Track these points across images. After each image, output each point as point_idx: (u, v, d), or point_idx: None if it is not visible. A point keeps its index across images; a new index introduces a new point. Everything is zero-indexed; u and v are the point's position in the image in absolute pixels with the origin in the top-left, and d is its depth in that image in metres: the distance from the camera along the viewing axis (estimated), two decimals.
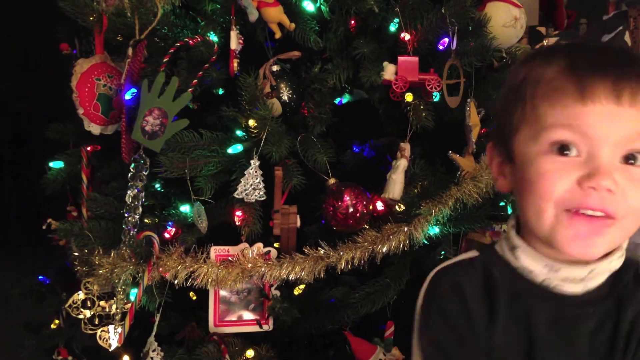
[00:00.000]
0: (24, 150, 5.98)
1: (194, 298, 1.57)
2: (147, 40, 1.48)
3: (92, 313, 1.41)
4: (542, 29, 2.76)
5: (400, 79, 1.42)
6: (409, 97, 1.42)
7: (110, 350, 1.42)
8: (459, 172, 1.47)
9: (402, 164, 1.41)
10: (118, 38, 1.55)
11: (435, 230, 1.43)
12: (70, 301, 1.41)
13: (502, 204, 1.55)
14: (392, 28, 1.49)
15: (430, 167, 1.49)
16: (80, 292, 1.41)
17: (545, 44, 2.67)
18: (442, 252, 1.48)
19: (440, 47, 1.50)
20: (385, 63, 1.44)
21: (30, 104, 6.19)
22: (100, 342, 1.41)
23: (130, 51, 1.46)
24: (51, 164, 1.69)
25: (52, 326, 1.69)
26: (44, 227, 1.58)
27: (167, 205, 1.50)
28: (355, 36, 1.51)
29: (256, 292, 1.46)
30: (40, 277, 1.80)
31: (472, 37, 1.53)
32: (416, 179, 1.45)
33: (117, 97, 1.54)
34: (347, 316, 1.42)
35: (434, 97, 1.44)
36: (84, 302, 1.41)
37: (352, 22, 1.52)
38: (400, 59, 1.42)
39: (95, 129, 1.55)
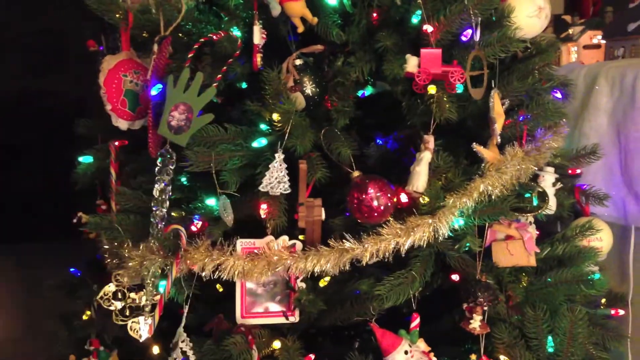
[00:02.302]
0: (52, 145, 6.08)
1: (220, 290, 1.59)
2: (172, 36, 1.50)
3: (122, 305, 1.43)
4: (568, 18, 2.73)
5: (423, 72, 1.41)
6: (432, 89, 1.41)
7: (140, 340, 1.45)
8: (483, 164, 1.46)
9: (426, 156, 1.41)
10: (144, 34, 1.58)
11: (459, 222, 1.43)
12: (101, 293, 1.44)
13: (527, 195, 1.54)
14: (415, 20, 1.49)
15: (454, 159, 1.48)
16: (111, 284, 1.44)
17: (570, 32, 2.64)
18: (467, 244, 1.48)
19: (464, 39, 1.49)
20: (408, 55, 1.44)
21: (58, 100, 6.29)
22: (131, 332, 1.44)
23: (155, 47, 1.48)
24: (80, 159, 1.73)
25: (84, 317, 1.73)
26: (74, 221, 1.61)
27: (194, 198, 1.52)
28: (377, 29, 1.51)
29: (282, 284, 1.48)
30: (72, 270, 1.84)
31: (495, 27, 1.52)
32: (440, 171, 1.45)
33: (143, 93, 1.57)
34: (373, 308, 1.43)
35: (457, 88, 1.44)
36: (114, 294, 1.44)
37: (374, 14, 1.52)
38: (423, 51, 1.42)
39: (122, 124, 1.59)
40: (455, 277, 1.51)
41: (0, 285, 4.18)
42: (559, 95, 1.73)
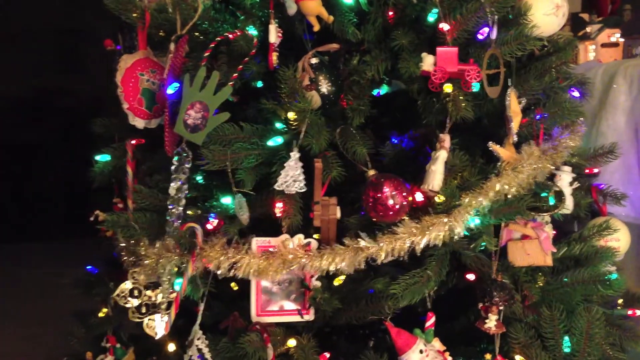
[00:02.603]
0: (68, 144, 6.13)
1: (235, 288, 1.60)
2: (188, 35, 1.51)
3: (139, 302, 1.45)
4: (585, 16, 2.71)
5: (439, 70, 1.41)
6: (448, 87, 1.41)
7: (156, 338, 1.46)
8: (499, 163, 1.46)
9: (441, 155, 1.41)
10: (160, 33, 1.59)
11: (475, 221, 1.42)
12: (118, 290, 1.46)
13: (544, 194, 1.53)
14: (431, 18, 1.48)
15: (470, 158, 1.48)
16: (127, 281, 1.46)
17: (588, 31, 2.62)
18: (483, 244, 1.47)
19: (480, 37, 1.48)
20: (424, 54, 1.43)
21: (73, 99, 6.33)
22: (147, 330, 1.45)
23: (172, 46, 1.49)
24: (98, 158, 1.73)
25: (101, 315, 1.74)
26: (91, 219, 1.63)
27: (209, 197, 1.53)
28: (393, 27, 1.51)
29: (297, 283, 1.48)
30: (88, 267, 1.85)
31: (512, 25, 1.51)
32: (456, 170, 1.45)
33: (160, 92, 1.58)
34: (388, 307, 1.43)
35: (473, 87, 1.43)
36: (131, 291, 1.45)
37: (390, 13, 1.52)
38: (439, 49, 1.41)
39: (139, 123, 1.59)
40: (470, 276, 1.51)
41: (11, 284, 4.24)
42: (576, 93, 1.71)
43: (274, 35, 1.47)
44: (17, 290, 4.11)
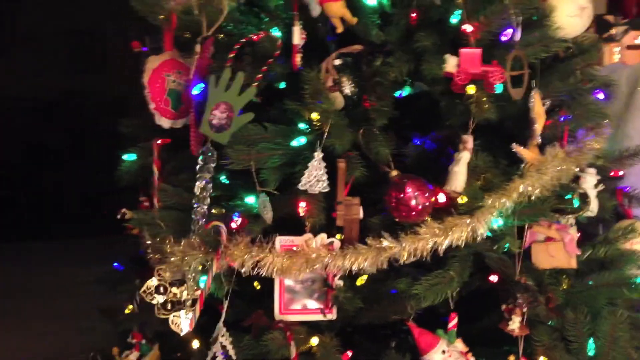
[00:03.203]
0: (84, 144, 6.21)
1: (258, 287, 1.61)
2: (214, 36, 1.53)
3: (164, 299, 1.46)
4: (610, 17, 2.68)
5: (462, 72, 1.41)
6: (471, 89, 1.41)
7: (181, 334, 1.48)
8: (522, 164, 1.45)
9: (464, 156, 1.41)
10: (186, 35, 1.62)
11: (498, 222, 1.42)
12: (144, 287, 1.47)
13: (568, 196, 1.53)
14: (454, 20, 1.48)
15: (493, 159, 1.48)
16: (153, 278, 1.47)
17: (613, 32, 2.60)
18: (506, 245, 1.47)
19: (504, 38, 1.48)
20: (447, 55, 1.44)
21: (92, 99, 6.40)
22: (172, 326, 1.47)
23: (198, 48, 1.52)
24: (125, 157, 1.76)
25: (127, 311, 1.77)
26: (118, 217, 1.65)
27: (234, 196, 1.54)
28: (416, 29, 1.51)
29: (320, 282, 1.49)
30: (115, 265, 1.88)
31: (536, 27, 1.50)
32: (479, 171, 1.45)
33: (185, 92, 1.60)
34: (410, 307, 1.43)
35: (496, 88, 1.43)
36: (157, 288, 1.47)
37: (414, 14, 1.53)
38: (462, 51, 1.42)
39: (165, 122, 1.62)
40: (493, 278, 1.50)
41: (27, 282, 4.31)
42: (601, 95, 1.70)
43: (298, 36, 1.48)
44: (33, 287, 4.18)
